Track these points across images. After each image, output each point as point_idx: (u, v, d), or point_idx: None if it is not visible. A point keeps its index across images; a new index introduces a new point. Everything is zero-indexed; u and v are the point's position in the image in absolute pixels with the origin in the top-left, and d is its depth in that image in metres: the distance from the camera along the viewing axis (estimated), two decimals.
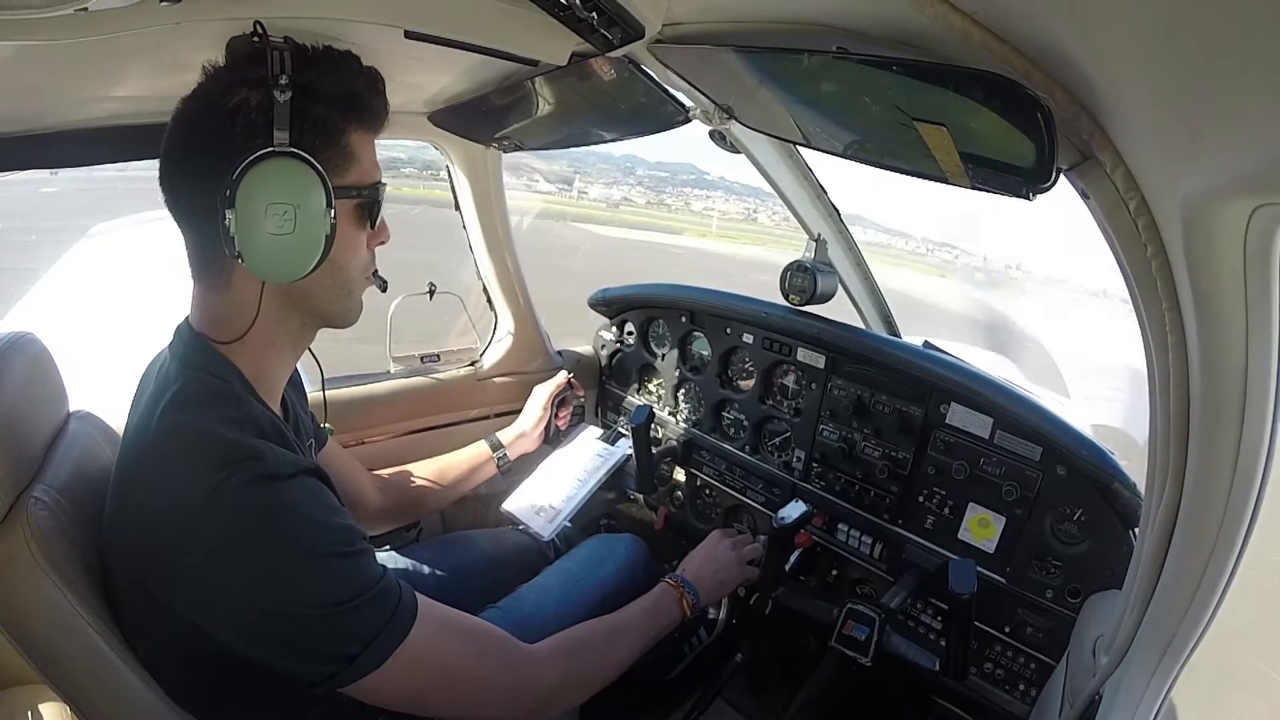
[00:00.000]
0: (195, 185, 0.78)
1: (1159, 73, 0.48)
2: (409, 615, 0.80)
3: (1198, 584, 0.66)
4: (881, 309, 1.82)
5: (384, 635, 0.77)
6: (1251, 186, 0.46)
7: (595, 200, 23.84)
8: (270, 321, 0.84)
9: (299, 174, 0.77)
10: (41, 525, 0.75)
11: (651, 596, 1.17)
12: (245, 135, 0.75)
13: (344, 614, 0.75)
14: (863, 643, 1.17)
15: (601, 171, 25.26)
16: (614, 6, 0.82)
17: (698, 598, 1.21)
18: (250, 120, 0.76)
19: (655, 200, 20.33)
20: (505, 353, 1.83)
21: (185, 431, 0.77)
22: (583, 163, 25.87)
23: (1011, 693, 1.24)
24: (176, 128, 0.79)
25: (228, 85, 0.77)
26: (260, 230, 0.75)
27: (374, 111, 0.86)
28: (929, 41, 0.65)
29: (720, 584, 1.28)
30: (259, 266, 0.77)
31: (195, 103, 0.79)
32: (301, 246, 0.78)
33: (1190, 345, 0.61)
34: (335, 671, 0.75)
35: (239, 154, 0.74)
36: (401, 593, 0.81)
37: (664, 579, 1.21)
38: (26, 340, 0.86)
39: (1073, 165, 0.62)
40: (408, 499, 1.40)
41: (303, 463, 0.80)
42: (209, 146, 0.76)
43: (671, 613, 1.16)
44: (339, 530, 0.78)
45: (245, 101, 0.76)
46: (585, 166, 25.69)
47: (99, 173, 1.05)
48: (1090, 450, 1.13)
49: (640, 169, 6.20)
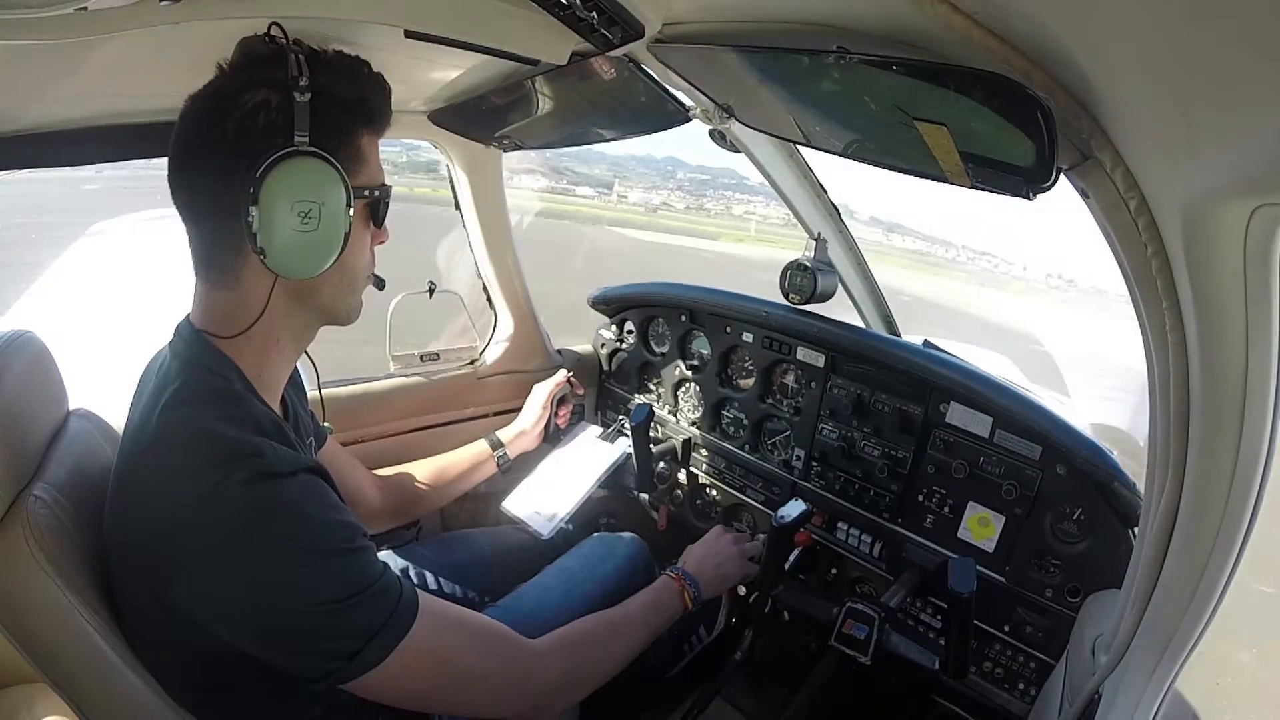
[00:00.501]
0: (211, 182, 0.78)
1: (1159, 72, 0.48)
2: (410, 612, 0.80)
3: (1197, 583, 0.66)
4: (881, 308, 1.82)
5: (385, 631, 0.77)
6: (1251, 186, 0.46)
7: (634, 205, 23.71)
8: (277, 318, 0.85)
9: (322, 173, 0.78)
10: (41, 524, 0.75)
11: (652, 590, 1.17)
12: (265, 134, 0.76)
13: (345, 610, 0.75)
14: (862, 641, 1.17)
15: (642, 176, 25.13)
16: (614, 6, 0.82)
17: (699, 590, 1.21)
18: (271, 120, 0.76)
19: (695, 205, 20.19)
20: (505, 351, 1.83)
21: (184, 429, 0.77)
22: (623, 167, 25.87)
23: (1011, 692, 1.24)
24: (190, 124, 0.79)
25: (245, 84, 0.78)
26: (285, 227, 0.77)
27: (382, 115, 0.88)
28: (929, 41, 0.65)
29: (721, 577, 1.28)
30: (280, 263, 0.78)
31: (210, 100, 0.79)
32: (323, 244, 0.80)
33: (1190, 345, 0.61)
34: (336, 668, 0.75)
35: (260, 152, 0.75)
36: (403, 589, 0.81)
37: (665, 572, 1.22)
38: (26, 339, 0.86)
39: (1073, 165, 0.62)
40: (408, 498, 1.41)
41: (303, 460, 0.80)
42: (228, 144, 0.76)
43: (673, 606, 1.17)
44: (339, 527, 0.78)
45: (266, 101, 0.77)
46: (625, 171, 25.66)
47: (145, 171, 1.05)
48: (1090, 449, 1.13)
49: (681, 172, 6.17)
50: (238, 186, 0.75)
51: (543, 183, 23.47)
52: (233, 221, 0.77)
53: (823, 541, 1.50)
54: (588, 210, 19.79)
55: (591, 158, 26.19)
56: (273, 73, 0.77)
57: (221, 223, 0.78)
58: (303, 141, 0.76)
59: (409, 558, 1.37)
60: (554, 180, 23.27)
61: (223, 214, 0.77)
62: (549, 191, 22.84)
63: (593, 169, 24.46)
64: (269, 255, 0.77)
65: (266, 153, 0.75)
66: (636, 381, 1.89)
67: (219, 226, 0.79)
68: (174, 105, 0.80)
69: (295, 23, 0.81)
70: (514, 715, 0.97)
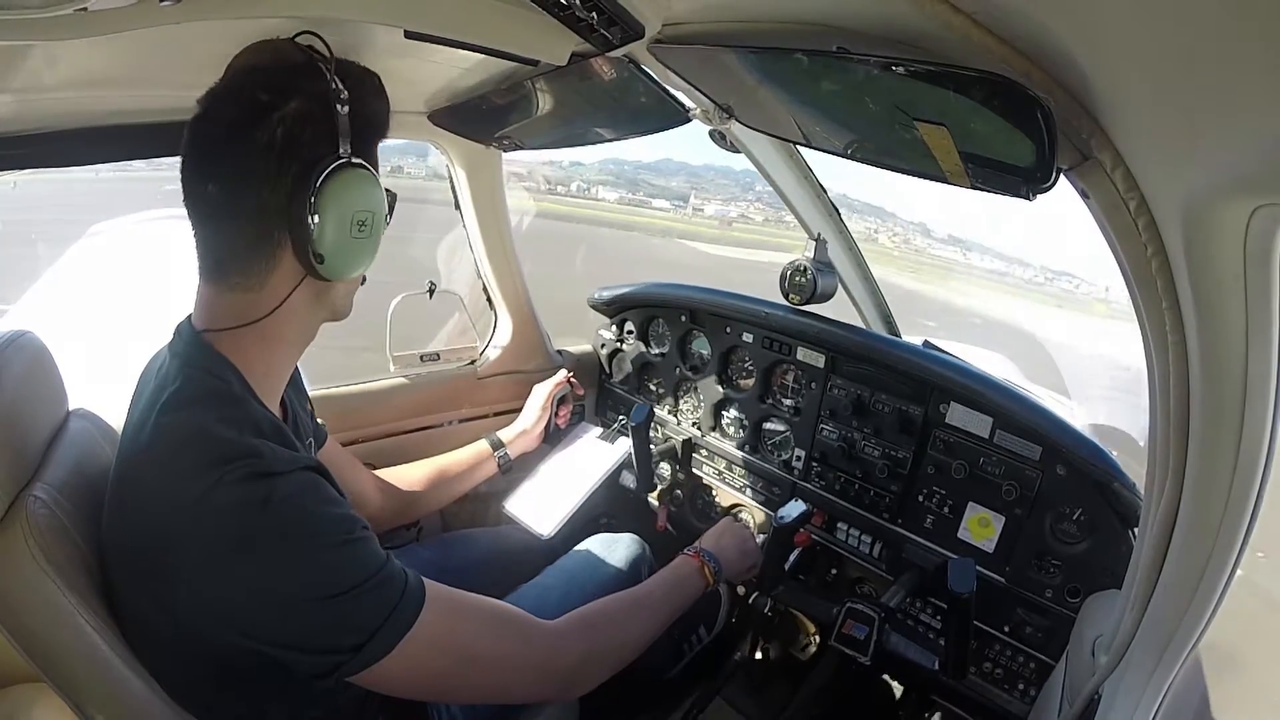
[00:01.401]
0: (249, 186, 0.77)
1: (1159, 73, 0.48)
2: (416, 601, 0.80)
3: (1197, 584, 0.66)
4: (881, 308, 1.82)
5: (390, 622, 0.77)
6: (1251, 186, 0.46)
7: (709, 217, 23.09)
8: (293, 318, 0.85)
9: (371, 183, 0.82)
10: (41, 524, 0.75)
11: (670, 569, 1.17)
12: (313, 143, 0.78)
13: (346, 603, 0.74)
14: (862, 642, 1.17)
15: (720, 187, 24.37)
16: (614, 6, 0.81)
17: (719, 566, 1.21)
18: (318, 130, 0.78)
19: (774, 217, 19.91)
20: (505, 352, 1.83)
21: (182, 430, 0.77)
22: (701, 178, 25.35)
23: (1011, 692, 1.24)
24: (217, 129, 0.78)
25: (285, 92, 0.77)
26: (343, 235, 0.80)
27: (388, 128, 0.91)
28: (929, 41, 0.65)
29: (743, 554, 1.29)
30: (332, 268, 0.81)
31: (243, 106, 0.77)
32: (369, 250, 0.85)
33: (1190, 345, 0.61)
34: (342, 662, 0.75)
35: (310, 161, 0.77)
36: (408, 579, 0.80)
37: (682, 552, 1.21)
38: (26, 339, 0.86)
39: (1073, 165, 0.62)
40: (408, 498, 1.41)
41: (301, 459, 0.80)
42: (274, 151, 0.77)
43: (694, 582, 1.16)
44: (337, 520, 0.78)
45: (309, 111, 0.78)
46: (704, 182, 25.17)
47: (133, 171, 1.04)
48: (1090, 450, 1.13)
49: (761, 184, 6.01)
50: (286, 193, 0.77)
51: (617, 195, 22.75)
52: (272, 226, 0.78)
53: (823, 542, 1.50)
54: (660, 223, 19.46)
55: (670, 169, 25.54)
56: (314, 83, 0.78)
57: (259, 227, 0.79)
58: (346, 153, 0.79)
59: (409, 558, 1.36)
60: (630, 192, 23.13)
61: (263, 218, 0.78)
62: (622, 203, 22.59)
63: (670, 181, 23.92)
64: (326, 261, 0.80)
65: (318, 162, 0.77)
66: (636, 382, 1.89)
67: (254, 230, 0.79)
68: (174, 105, 0.80)
69: (295, 24, 0.81)
70: (539, 697, 0.97)
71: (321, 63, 0.79)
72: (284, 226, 0.78)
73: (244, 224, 0.79)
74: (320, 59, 0.80)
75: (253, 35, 0.83)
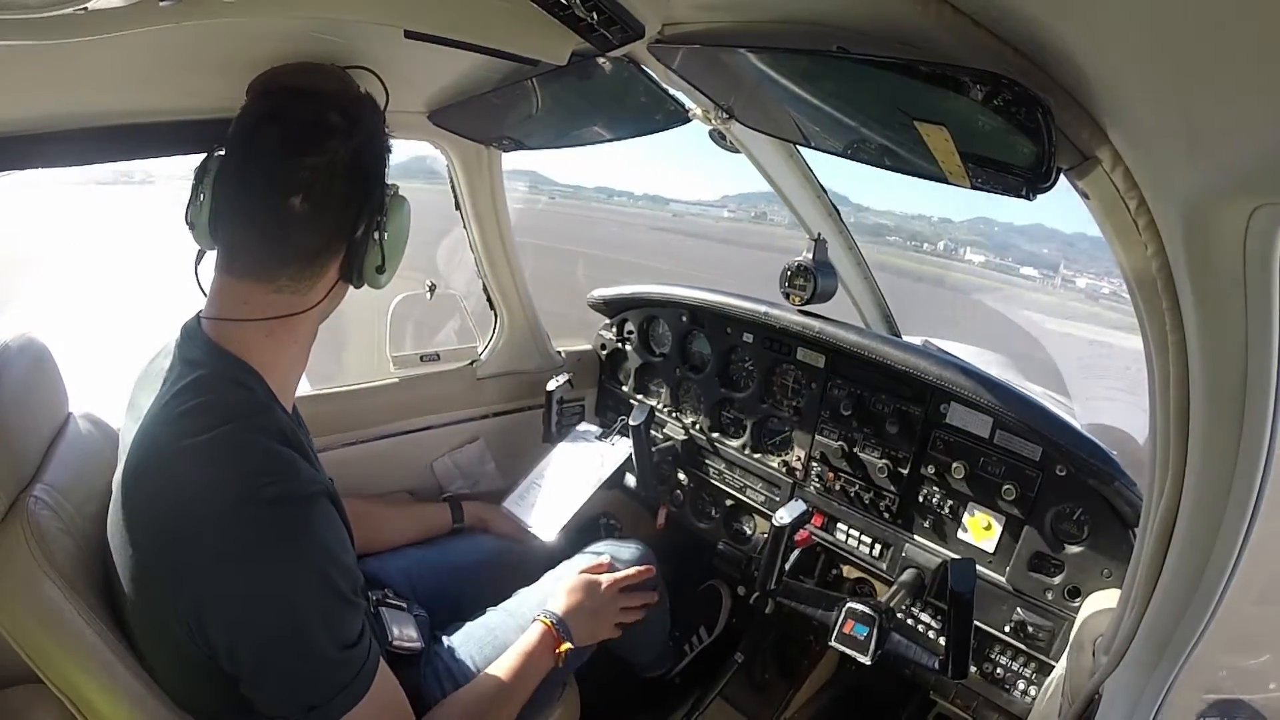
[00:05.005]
0: (328, 201, 0.85)
1: (1159, 73, 0.48)
2: (366, 681, 0.83)
3: (1197, 584, 0.66)
4: (881, 308, 1.82)
5: (341, 696, 0.80)
6: (1251, 186, 0.46)
7: (1079, 290, 21.54)
8: (314, 318, 0.92)
9: (409, 209, 0.95)
10: (41, 524, 0.75)
11: (532, 642, 1.13)
12: (376, 168, 0.89)
13: (320, 658, 0.78)
14: (862, 642, 1.17)
15: (1094, 260, 22.99)
16: (614, 6, 0.81)
17: (571, 640, 1.17)
18: (378, 160, 0.90)
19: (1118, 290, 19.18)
20: (505, 352, 1.83)
21: (211, 439, 0.78)
22: (1074, 248, 24.42)
23: (1011, 692, 1.24)
24: (287, 147, 0.83)
25: (357, 121, 0.86)
26: (399, 250, 0.93)
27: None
28: (929, 41, 0.65)
29: (594, 615, 1.24)
30: (385, 279, 0.94)
31: (314, 128, 0.83)
32: (400, 263, 0.95)
33: (1190, 345, 0.61)
34: (291, 714, 0.79)
35: (374, 185, 0.89)
36: (368, 658, 0.83)
37: (539, 617, 1.17)
38: (27, 341, 0.86)
39: (1073, 165, 0.62)
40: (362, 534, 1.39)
41: (320, 480, 0.83)
42: (357, 174, 0.86)
43: (544, 663, 1.13)
44: (347, 571, 0.82)
45: (373, 142, 0.88)
46: (1076, 252, 24.14)
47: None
48: (1090, 450, 1.13)
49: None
50: (359, 212, 0.87)
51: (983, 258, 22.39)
52: (337, 241, 0.87)
53: (823, 542, 1.50)
54: (1028, 295, 18.64)
55: (1041, 235, 24.89)
56: (374, 117, 0.89)
57: (327, 241, 0.87)
58: (395, 184, 0.91)
59: (411, 559, 1.36)
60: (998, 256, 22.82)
61: (337, 234, 0.87)
62: (987, 267, 22.26)
63: (1039, 248, 23.30)
64: (385, 272, 0.92)
65: (378, 188, 0.89)
66: (636, 382, 1.89)
67: (322, 243, 0.86)
68: (175, 105, 0.80)
69: (295, 24, 0.81)
70: None
71: (384, 101, 0.91)
72: (343, 242, 0.88)
73: (315, 237, 0.86)
74: (385, 96, 0.92)
75: (253, 35, 0.83)
